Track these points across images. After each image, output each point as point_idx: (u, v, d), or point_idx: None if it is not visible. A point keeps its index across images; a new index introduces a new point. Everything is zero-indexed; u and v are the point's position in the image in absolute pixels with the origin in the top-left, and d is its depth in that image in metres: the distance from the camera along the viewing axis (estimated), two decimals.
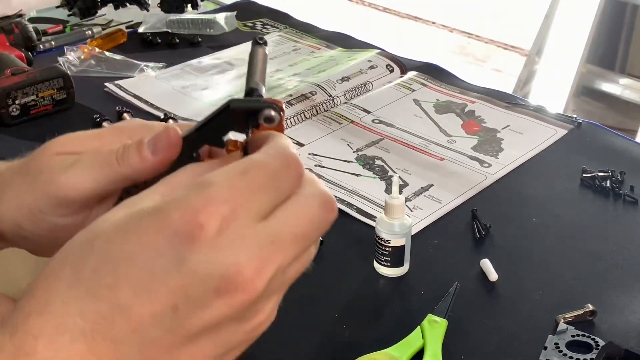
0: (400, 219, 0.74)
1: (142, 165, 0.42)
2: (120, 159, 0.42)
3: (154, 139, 0.42)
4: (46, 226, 0.45)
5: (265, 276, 0.33)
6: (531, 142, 1.01)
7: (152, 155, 0.42)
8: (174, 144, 0.42)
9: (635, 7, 2.56)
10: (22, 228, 0.45)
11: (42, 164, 0.45)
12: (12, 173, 0.46)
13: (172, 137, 0.42)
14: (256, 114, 0.40)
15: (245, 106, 0.40)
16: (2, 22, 1.24)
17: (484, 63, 3.39)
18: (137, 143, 0.42)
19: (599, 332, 0.68)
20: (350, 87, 1.15)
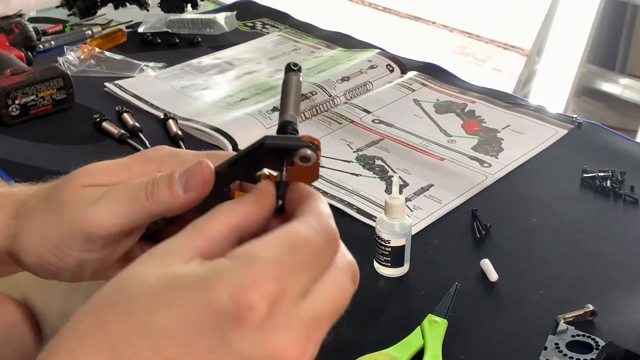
0: (400, 219, 0.74)
1: (172, 202, 0.41)
2: (149, 194, 0.41)
3: (186, 174, 0.41)
4: (72, 261, 0.43)
5: (308, 355, 0.33)
6: (531, 142, 1.01)
7: (183, 192, 0.40)
8: (206, 181, 0.40)
9: (635, 7, 2.56)
10: (46, 262, 0.44)
11: (67, 196, 0.43)
12: (37, 203, 0.45)
13: (205, 174, 0.40)
14: (292, 152, 0.38)
15: (281, 144, 0.38)
16: (2, 22, 1.24)
17: (484, 63, 3.39)
18: (168, 178, 0.41)
19: (599, 332, 0.68)
20: (350, 87, 1.15)
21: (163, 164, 0.44)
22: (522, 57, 3.00)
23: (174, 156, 0.45)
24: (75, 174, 0.45)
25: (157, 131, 1.04)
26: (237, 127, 1.02)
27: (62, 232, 0.42)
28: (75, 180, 0.44)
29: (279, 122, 0.41)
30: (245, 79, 1.20)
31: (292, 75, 0.44)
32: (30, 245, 0.44)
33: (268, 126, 1.03)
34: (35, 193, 0.46)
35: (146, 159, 0.45)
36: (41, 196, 0.45)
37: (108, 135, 1.02)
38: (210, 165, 0.41)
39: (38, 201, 0.45)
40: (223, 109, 1.09)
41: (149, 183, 0.41)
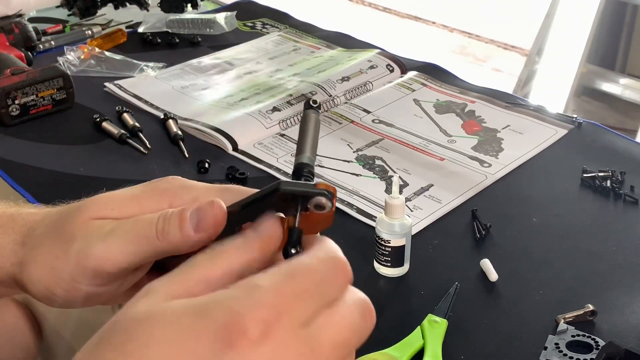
0: (400, 219, 0.74)
1: (183, 242, 0.40)
2: (160, 233, 0.40)
3: (197, 213, 0.40)
4: (79, 294, 0.43)
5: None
6: (531, 142, 1.01)
7: (194, 232, 0.40)
8: (218, 223, 0.40)
9: (635, 7, 2.56)
10: (53, 293, 0.43)
11: (76, 229, 0.42)
12: (45, 232, 0.44)
13: (217, 215, 0.40)
14: (306, 199, 0.38)
15: (296, 190, 0.37)
16: (2, 22, 1.25)
17: (484, 63, 3.39)
18: (179, 217, 0.40)
19: (599, 332, 0.68)
20: (350, 87, 1.15)
21: (175, 198, 0.43)
22: (522, 57, 3.00)
23: (186, 190, 0.44)
24: (85, 205, 0.44)
25: (157, 131, 1.04)
26: (237, 127, 1.02)
27: (70, 267, 0.42)
28: (85, 212, 0.43)
29: (295, 163, 0.40)
30: (245, 79, 1.20)
31: (312, 113, 0.43)
32: (37, 276, 0.43)
33: (268, 126, 1.03)
34: (44, 219, 0.45)
35: (158, 192, 0.44)
36: (50, 225, 0.44)
37: (108, 135, 1.02)
38: (223, 206, 0.40)
39: (46, 230, 0.44)
40: (223, 109, 1.09)
41: (160, 221, 0.41)
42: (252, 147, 1.00)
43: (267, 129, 1.03)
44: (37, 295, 0.44)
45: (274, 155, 0.98)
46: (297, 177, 0.40)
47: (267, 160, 0.97)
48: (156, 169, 0.96)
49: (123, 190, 0.45)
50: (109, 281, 0.43)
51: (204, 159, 0.95)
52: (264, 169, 0.95)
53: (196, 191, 0.44)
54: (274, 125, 1.04)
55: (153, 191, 0.44)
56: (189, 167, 0.95)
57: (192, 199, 0.43)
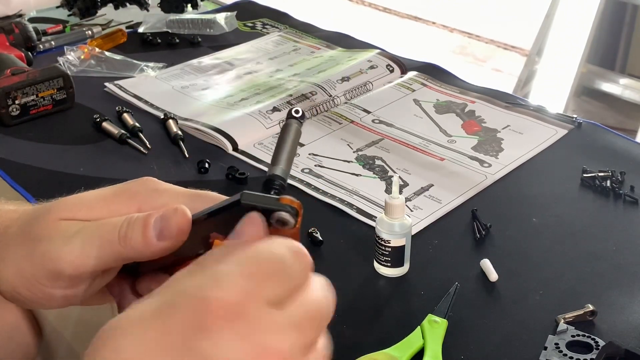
0: (400, 219, 0.74)
1: (145, 248, 0.40)
2: (122, 238, 0.40)
3: (161, 220, 0.40)
4: (43, 295, 0.43)
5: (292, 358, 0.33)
6: (531, 142, 1.01)
7: (157, 239, 0.39)
8: (182, 231, 0.39)
9: (635, 7, 2.56)
10: (19, 294, 0.43)
11: (43, 229, 0.42)
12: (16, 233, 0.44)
13: (181, 224, 0.39)
14: (269, 213, 0.36)
15: (257, 204, 0.36)
16: (2, 22, 1.24)
17: (484, 63, 3.39)
18: (143, 223, 0.40)
19: (599, 332, 0.68)
20: (350, 87, 1.15)
21: (145, 202, 0.43)
22: (522, 57, 3.00)
23: (157, 194, 0.43)
24: (54, 206, 0.43)
25: (157, 131, 1.04)
26: (237, 127, 1.02)
27: (33, 268, 0.42)
28: (53, 213, 0.43)
29: (267, 174, 0.39)
30: (245, 79, 1.20)
31: (293, 123, 0.41)
32: (4, 276, 0.43)
33: (268, 126, 1.03)
34: (20, 217, 0.45)
35: (128, 195, 0.43)
36: (21, 224, 0.44)
37: (108, 135, 1.02)
38: (188, 214, 0.39)
39: (17, 230, 0.44)
40: (223, 109, 1.09)
41: (123, 225, 0.40)
42: (252, 147, 1.00)
43: (267, 129, 1.03)
44: (5, 295, 0.44)
45: None
46: (267, 190, 0.38)
47: (267, 160, 0.97)
48: (156, 169, 0.96)
49: (95, 191, 0.44)
50: (73, 284, 0.42)
51: (204, 159, 0.95)
52: (264, 169, 0.95)
53: (166, 196, 0.43)
54: (274, 126, 1.04)
55: (123, 194, 0.43)
56: (189, 167, 0.95)
57: (162, 204, 0.42)
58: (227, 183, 0.92)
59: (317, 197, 0.88)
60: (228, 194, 0.95)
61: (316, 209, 0.86)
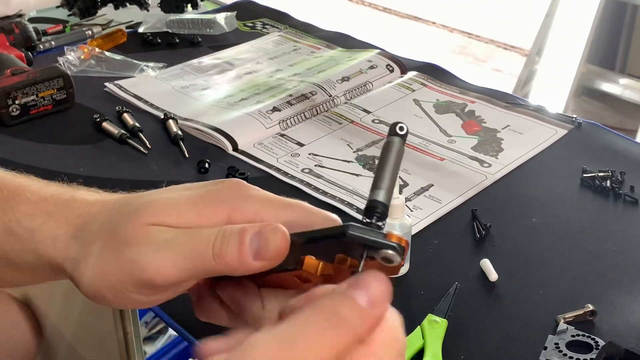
0: (400, 219, 0.74)
1: (240, 266, 0.38)
2: (217, 255, 0.38)
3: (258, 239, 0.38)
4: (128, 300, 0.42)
5: None
6: (531, 142, 1.01)
7: (253, 259, 0.38)
8: (280, 254, 0.38)
9: (635, 7, 2.56)
10: (103, 297, 0.42)
11: (131, 234, 0.41)
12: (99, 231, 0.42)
13: (280, 246, 0.37)
14: (374, 249, 0.35)
15: (363, 239, 0.35)
16: (2, 22, 1.24)
17: (484, 63, 3.39)
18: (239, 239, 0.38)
19: (599, 332, 0.68)
20: (350, 87, 1.15)
21: (236, 209, 0.41)
22: (522, 57, 3.00)
23: (249, 202, 0.41)
24: (142, 208, 0.41)
25: (157, 131, 1.04)
26: (237, 127, 1.02)
27: (120, 274, 0.40)
28: (142, 217, 0.41)
29: (369, 198, 0.37)
30: (245, 79, 1.20)
31: (396, 140, 0.38)
32: (88, 278, 0.42)
33: (268, 126, 1.03)
34: (100, 212, 0.44)
35: (218, 201, 0.41)
36: (104, 222, 0.43)
37: (108, 135, 1.02)
38: (287, 235, 0.38)
39: (100, 228, 0.42)
40: (223, 109, 1.09)
41: (217, 240, 0.39)
42: (252, 147, 1.00)
43: (267, 129, 1.03)
44: (89, 295, 0.43)
45: (274, 155, 0.98)
46: (368, 216, 0.37)
47: (267, 160, 0.97)
48: (156, 169, 0.96)
49: (180, 192, 0.42)
50: (158, 292, 0.41)
51: (204, 159, 0.95)
52: (264, 169, 0.95)
53: (258, 204, 0.41)
54: (274, 125, 1.04)
55: (213, 199, 0.42)
56: (189, 167, 0.95)
57: (253, 213, 0.41)
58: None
59: (317, 197, 0.88)
60: None
61: None
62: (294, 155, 0.98)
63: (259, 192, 0.42)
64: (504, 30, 3.53)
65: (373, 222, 0.36)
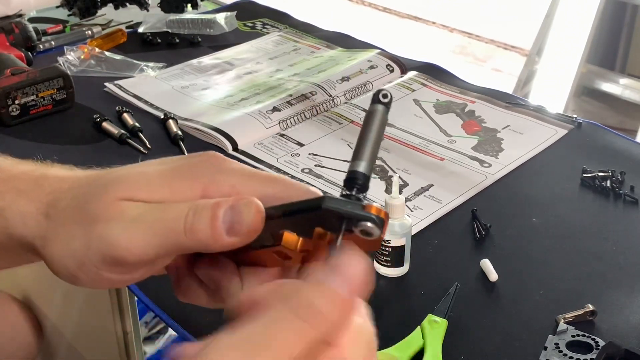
0: (401, 219, 0.74)
1: (212, 242, 0.36)
2: (189, 230, 0.36)
3: (231, 214, 0.36)
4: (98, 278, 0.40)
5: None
6: (531, 142, 1.01)
7: (226, 234, 0.36)
8: (254, 229, 0.36)
9: (635, 7, 2.56)
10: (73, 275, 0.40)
11: (101, 209, 0.39)
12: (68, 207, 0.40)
13: (254, 221, 0.35)
14: (352, 222, 0.33)
15: (341, 211, 0.33)
16: (2, 22, 1.24)
17: (484, 63, 3.39)
18: (212, 214, 0.36)
19: (599, 332, 0.68)
20: (350, 87, 1.15)
21: (212, 183, 0.39)
22: (522, 57, 3.00)
23: (226, 175, 0.39)
24: (113, 182, 0.40)
25: (157, 131, 1.04)
26: (237, 127, 1.02)
27: (89, 252, 0.39)
28: (112, 192, 0.39)
29: (349, 169, 0.35)
30: (245, 79, 1.20)
31: (379, 108, 0.37)
32: (57, 257, 0.40)
33: (268, 126, 1.03)
34: (70, 188, 0.42)
35: (193, 175, 0.39)
36: (74, 198, 0.41)
37: (108, 135, 1.02)
38: (262, 209, 0.36)
39: (71, 204, 0.41)
40: (223, 109, 1.09)
41: (189, 215, 0.37)
42: (252, 147, 1.00)
43: (267, 129, 1.03)
44: (60, 275, 0.41)
45: (274, 155, 0.98)
46: (348, 188, 0.35)
47: (267, 160, 0.97)
48: None
49: (154, 166, 0.41)
50: (130, 270, 0.39)
51: None
52: (264, 169, 0.95)
53: (235, 177, 0.39)
54: (274, 125, 1.04)
55: (187, 173, 0.39)
56: None
57: (230, 187, 0.38)
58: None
59: None
60: None
61: None
62: (294, 155, 0.98)
63: (236, 165, 0.40)
64: (504, 30, 3.52)
65: (353, 194, 0.35)
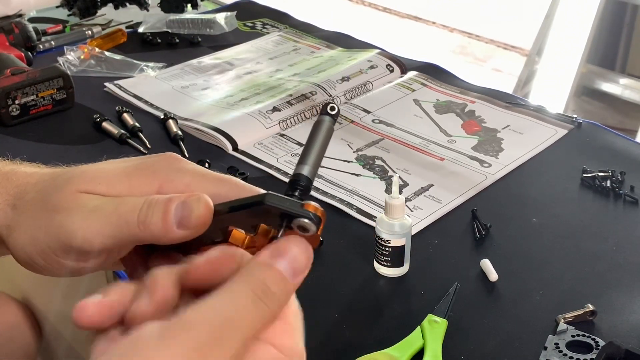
0: (400, 219, 0.74)
1: (163, 235, 0.39)
2: (142, 222, 0.39)
3: (182, 208, 0.39)
4: (57, 265, 0.43)
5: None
6: (531, 142, 1.01)
7: (176, 227, 0.39)
8: (203, 223, 0.39)
9: (635, 7, 2.56)
10: (34, 262, 0.43)
11: (61, 201, 0.42)
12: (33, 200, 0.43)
13: (202, 215, 0.38)
14: (291, 218, 0.36)
15: (280, 207, 0.36)
16: (2, 22, 1.24)
17: (484, 63, 3.39)
18: (164, 208, 0.39)
19: (599, 332, 0.68)
20: (350, 87, 1.15)
21: (167, 180, 0.42)
22: (522, 57, 3.00)
23: (181, 174, 0.42)
24: (74, 176, 0.43)
25: (157, 131, 1.04)
26: (237, 127, 1.02)
27: (49, 239, 0.42)
28: (73, 185, 0.42)
29: (294, 172, 0.38)
30: (245, 79, 1.20)
31: (326, 119, 0.40)
32: (20, 244, 0.43)
33: (268, 126, 1.03)
34: (37, 182, 0.45)
35: (151, 172, 0.42)
36: (39, 191, 0.44)
37: (108, 135, 1.02)
38: (211, 205, 0.39)
39: (35, 196, 0.44)
40: (223, 109, 1.09)
41: (143, 208, 0.39)
42: (252, 147, 1.00)
43: (267, 129, 1.03)
44: (20, 261, 0.44)
45: (274, 155, 0.98)
46: (291, 189, 0.38)
47: (267, 160, 0.97)
48: None
49: (115, 163, 0.44)
50: (87, 258, 0.42)
51: (204, 159, 0.95)
52: (264, 169, 0.95)
53: (189, 177, 0.42)
54: (274, 125, 1.04)
55: (146, 170, 0.43)
56: None
57: (184, 185, 0.41)
58: None
59: (317, 197, 0.88)
60: None
61: None
62: (294, 155, 0.98)
63: (192, 166, 0.43)
64: (504, 30, 3.53)
65: (295, 195, 0.37)
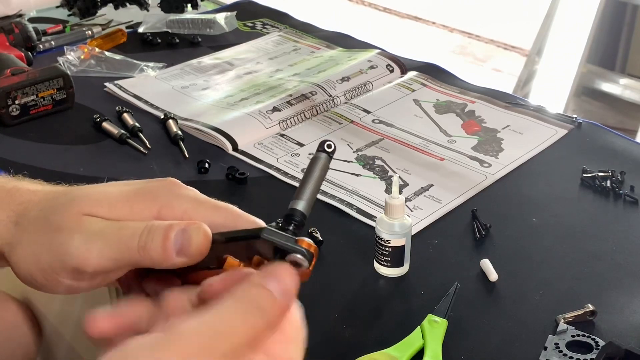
0: (400, 219, 0.74)
1: (163, 261, 0.41)
2: (142, 248, 0.41)
3: (182, 237, 0.40)
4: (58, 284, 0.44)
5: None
6: (531, 142, 1.01)
7: (175, 255, 0.40)
8: (201, 251, 0.40)
9: (635, 7, 2.56)
10: (35, 280, 0.44)
11: (64, 222, 0.43)
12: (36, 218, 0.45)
13: (201, 244, 0.40)
14: (285, 253, 0.38)
15: (275, 242, 0.38)
16: (2, 22, 1.24)
17: (484, 63, 3.39)
18: (164, 235, 0.40)
19: (599, 332, 0.68)
20: (350, 87, 1.15)
21: (167, 206, 0.43)
22: (522, 57, 3.00)
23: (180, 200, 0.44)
24: (78, 198, 0.44)
25: (157, 131, 1.04)
26: (237, 127, 1.02)
27: (51, 259, 0.43)
28: (76, 206, 0.43)
29: (289, 207, 0.40)
30: (245, 79, 1.20)
31: (322, 156, 0.41)
32: (22, 261, 0.44)
33: (268, 126, 1.03)
34: (40, 201, 0.46)
35: (151, 197, 0.44)
36: (42, 210, 0.45)
37: (108, 135, 1.02)
38: (209, 234, 0.40)
39: (38, 215, 0.45)
40: (223, 109, 1.09)
41: (143, 234, 0.41)
42: (252, 147, 1.00)
43: (267, 129, 1.03)
44: (20, 278, 0.45)
45: (274, 155, 0.98)
46: (286, 223, 0.39)
47: (267, 160, 0.97)
48: (156, 169, 0.96)
49: (117, 187, 0.45)
50: (87, 278, 0.43)
51: (204, 159, 0.95)
52: (264, 169, 0.95)
53: (188, 203, 0.44)
54: (274, 125, 1.04)
55: (146, 195, 0.44)
56: (189, 167, 0.95)
57: (182, 211, 0.43)
58: (227, 183, 0.92)
59: (317, 197, 0.88)
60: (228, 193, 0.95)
61: (316, 209, 0.86)
62: (294, 155, 0.98)
63: (191, 192, 0.45)
64: (504, 30, 3.53)
65: (290, 229, 0.39)
